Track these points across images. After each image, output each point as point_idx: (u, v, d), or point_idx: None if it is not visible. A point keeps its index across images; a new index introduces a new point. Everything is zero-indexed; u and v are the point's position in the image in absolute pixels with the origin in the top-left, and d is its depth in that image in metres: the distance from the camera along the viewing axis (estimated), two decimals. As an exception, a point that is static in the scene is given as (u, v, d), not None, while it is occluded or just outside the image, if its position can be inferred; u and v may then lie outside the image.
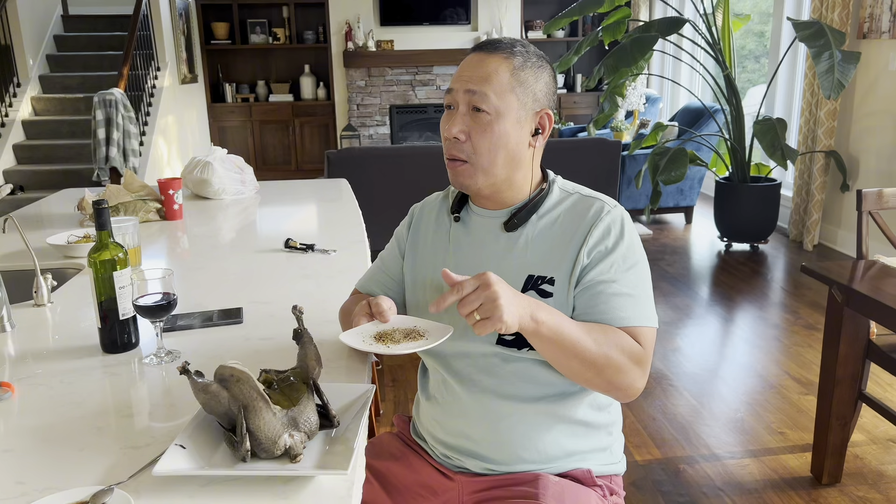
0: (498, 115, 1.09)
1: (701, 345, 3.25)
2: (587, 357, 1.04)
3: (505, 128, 1.10)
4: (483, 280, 0.96)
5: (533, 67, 1.12)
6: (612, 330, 1.08)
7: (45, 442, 1.01)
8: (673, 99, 7.17)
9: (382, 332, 1.07)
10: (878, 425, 2.49)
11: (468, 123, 1.11)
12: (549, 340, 1.03)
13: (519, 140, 1.12)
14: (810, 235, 4.67)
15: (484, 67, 1.10)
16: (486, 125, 1.10)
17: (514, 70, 1.10)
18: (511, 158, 1.12)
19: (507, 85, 1.09)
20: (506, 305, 0.95)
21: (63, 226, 2.34)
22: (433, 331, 1.07)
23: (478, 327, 0.97)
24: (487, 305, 0.95)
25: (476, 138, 1.10)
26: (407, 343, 1.04)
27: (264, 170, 7.76)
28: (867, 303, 1.85)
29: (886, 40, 4.11)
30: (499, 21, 7.65)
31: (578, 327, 1.05)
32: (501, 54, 1.11)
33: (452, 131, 1.11)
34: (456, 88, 1.12)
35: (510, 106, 1.10)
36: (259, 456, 0.93)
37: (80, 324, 1.47)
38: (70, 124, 5.81)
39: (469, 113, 1.11)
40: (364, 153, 4.18)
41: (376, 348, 1.02)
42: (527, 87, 1.11)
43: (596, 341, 1.05)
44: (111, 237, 1.30)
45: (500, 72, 1.09)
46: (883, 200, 2.18)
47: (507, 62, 1.10)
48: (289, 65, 7.98)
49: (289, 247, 1.98)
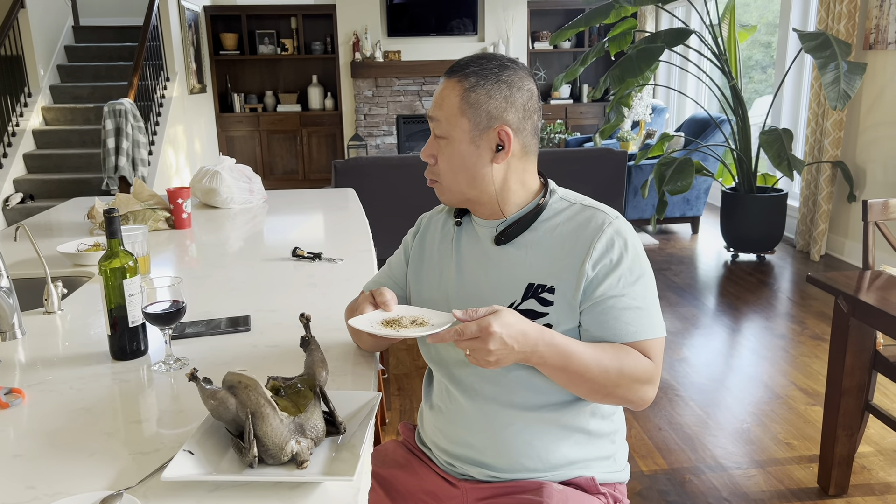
0: (451, 138, 1.13)
1: (707, 355, 3.25)
2: (596, 382, 1.07)
3: (459, 149, 1.13)
4: (484, 332, 0.98)
5: (486, 86, 1.11)
6: (622, 349, 1.09)
7: (55, 447, 1.02)
8: (679, 109, 7.18)
9: (389, 319, 1.10)
10: (885, 436, 2.48)
11: (434, 147, 1.16)
12: (555, 369, 1.06)
13: (476, 159, 1.13)
14: (817, 246, 4.67)
15: (440, 94, 1.14)
16: (444, 148, 1.15)
17: (465, 92, 1.12)
18: (472, 178, 1.15)
19: (456, 109, 1.12)
20: (497, 361, 1.00)
21: (73, 234, 2.36)
22: (436, 318, 1.10)
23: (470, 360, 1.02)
24: (479, 356, 1.00)
25: (440, 161, 1.16)
26: (414, 328, 1.06)
27: (272, 179, 7.80)
28: (873, 313, 1.85)
29: (892, 51, 4.12)
30: (505, 32, 7.69)
31: (585, 353, 1.06)
32: (455, 78, 1.13)
33: (423, 155, 1.18)
34: (427, 115, 1.18)
35: (462, 128, 1.12)
36: (266, 462, 0.94)
37: (90, 331, 1.48)
38: (80, 134, 5.86)
39: (434, 137, 1.16)
40: (371, 163, 4.20)
41: (384, 332, 1.05)
42: (478, 107, 1.12)
43: (604, 366, 1.07)
44: (121, 245, 1.31)
45: (451, 96, 1.12)
46: (889, 211, 2.18)
47: (459, 85, 1.12)
48: (297, 75, 8.03)
49: (296, 255, 2.00)
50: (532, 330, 1.02)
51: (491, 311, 1.01)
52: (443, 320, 1.08)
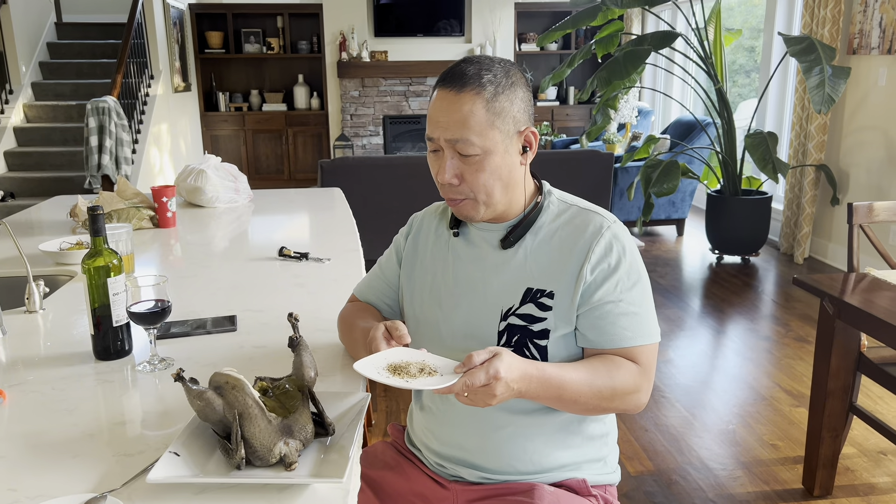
0: (486, 153, 1.07)
1: (693, 357, 3.26)
2: (590, 403, 1.08)
3: (496, 162, 1.08)
4: (492, 379, 0.97)
5: (505, 91, 1.08)
6: (613, 364, 1.09)
7: (37, 449, 1.00)
8: (665, 112, 7.22)
9: (396, 365, 1.03)
10: (868, 438, 2.50)
11: (458, 167, 1.09)
12: (549, 400, 1.07)
13: (511, 166, 1.11)
14: (801, 248, 4.70)
15: (458, 111, 1.06)
16: (477, 164, 1.08)
17: (489, 103, 1.06)
18: (507, 185, 1.12)
19: (486, 122, 1.06)
20: (496, 401, 0.99)
21: (55, 233, 2.33)
22: (443, 367, 1.04)
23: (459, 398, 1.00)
24: (480, 399, 0.99)
25: (471, 179, 1.09)
26: (424, 378, 1.00)
27: (257, 179, 7.75)
28: (859, 315, 1.86)
29: (876, 56, 4.16)
30: (492, 33, 7.70)
31: (577, 380, 1.06)
32: (472, 90, 1.06)
33: (445, 178, 1.09)
34: (436, 137, 1.09)
35: (495, 141, 1.07)
36: (254, 464, 0.93)
37: (73, 330, 1.46)
38: (62, 131, 5.79)
39: (456, 157, 1.09)
40: (357, 163, 4.18)
41: (395, 382, 0.98)
42: (505, 115, 1.08)
43: (597, 387, 1.07)
44: (106, 244, 1.29)
45: (475, 111, 1.05)
46: (873, 214, 2.20)
47: (479, 97, 1.06)
48: (282, 74, 7.99)
49: (283, 255, 1.98)
50: (531, 369, 1.02)
51: (493, 354, 0.99)
52: (448, 366, 1.03)
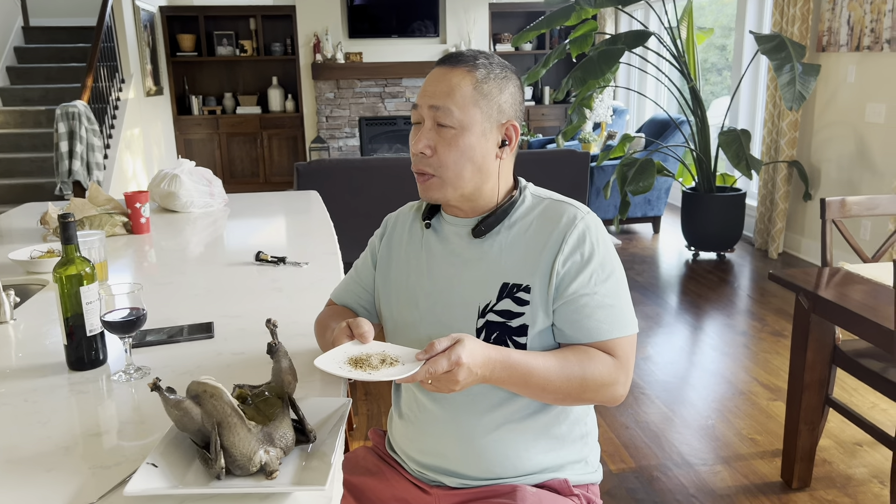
0: (462, 128, 1.09)
1: (671, 353, 3.29)
2: (560, 392, 1.07)
3: (470, 141, 1.10)
4: (453, 365, 0.97)
5: (497, 79, 1.11)
6: (585, 355, 1.08)
7: (10, 463, 0.98)
8: (639, 111, 7.27)
9: (357, 358, 1.02)
10: (844, 429, 2.54)
11: (434, 138, 1.10)
12: (516, 387, 1.07)
13: (485, 152, 1.12)
14: (775, 244, 4.77)
15: (446, 82, 1.10)
16: (451, 139, 1.09)
17: (477, 82, 1.10)
18: (478, 170, 1.12)
19: (469, 98, 1.09)
20: (460, 387, 1.00)
21: (25, 241, 2.28)
22: (404, 356, 1.03)
23: (424, 385, 1.00)
24: (443, 385, 0.99)
25: (442, 152, 1.10)
26: (386, 369, 0.99)
27: (232, 183, 7.68)
28: (833, 309, 1.89)
29: (845, 53, 4.23)
30: (467, 34, 7.70)
31: (545, 368, 1.05)
32: (464, 67, 1.10)
33: (418, 146, 1.11)
34: (421, 104, 1.11)
35: (474, 119, 1.09)
36: (234, 473, 0.92)
37: (45, 340, 1.43)
38: (31, 137, 5.69)
39: (434, 128, 1.10)
40: (334, 165, 4.16)
41: (357, 375, 0.97)
42: (490, 99, 1.10)
43: (566, 375, 1.06)
44: (78, 251, 1.27)
45: (462, 85, 1.09)
46: (846, 209, 2.23)
47: (469, 75, 1.09)
48: (256, 77, 7.93)
49: (260, 260, 1.96)
50: (493, 354, 1.02)
51: (454, 341, 0.99)
52: (409, 354, 1.03)
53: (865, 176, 4.16)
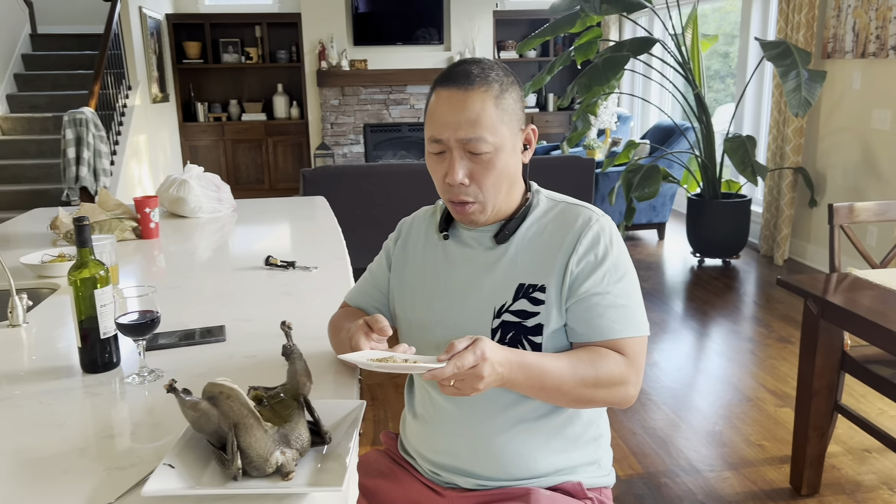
0: (496, 150, 1.09)
1: (677, 359, 3.28)
2: (574, 393, 1.08)
3: (504, 159, 1.10)
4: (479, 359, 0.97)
5: (509, 89, 1.10)
6: (597, 355, 1.09)
7: (26, 465, 0.98)
8: (644, 117, 7.28)
9: (379, 359, 1.01)
10: (853, 436, 2.53)
11: (468, 167, 1.09)
12: (531, 390, 1.07)
13: (516, 164, 1.14)
14: (780, 250, 4.76)
15: (469, 109, 1.06)
16: (488, 163, 1.09)
17: (496, 100, 1.08)
18: (511, 183, 1.14)
19: (496, 119, 1.08)
20: (484, 388, 0.99)
21: (34, 245, 2.29)
22: (425, 360, 1.02)
23: (446, 389, 0.99)
24: (468, 385, 0.98)
25: (480, 178, 1.10)
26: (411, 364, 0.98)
27: (237, 189, 7.70)
28: (842, 315, 1.89)
29: (850, 59, 4.23)
30: (471, 41, 7.73)
31: (559, 369, 1.06)
32: (480, 88, 1.07)
33: (457, 179, 1.08)
34: (445, 138, 1.08)
35: (504, 138, 1.09)
36: (250, 474, 0.92)
37: (57, 343, 1.44)
38: (38, 144, 5.71)
39: (466, 156, 1.09)
40: (339, 171, 4.17)
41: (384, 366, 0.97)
42: (510, 111, 1.10)
43: (580, 376, 1.06)
44: (92, 255, 1.27)
45: (486, 108, 1.07)
46: (854, 215, 2.23)
47: (487, 94, 1.07)
48: (262, 84, 7.96)
49: (269, 264, 1.96)
50: (510, 355, 1.02)
51: (473, 341, 0.99)
52: (430, 359, 1.02)
53: (871, 182, 4.16)
